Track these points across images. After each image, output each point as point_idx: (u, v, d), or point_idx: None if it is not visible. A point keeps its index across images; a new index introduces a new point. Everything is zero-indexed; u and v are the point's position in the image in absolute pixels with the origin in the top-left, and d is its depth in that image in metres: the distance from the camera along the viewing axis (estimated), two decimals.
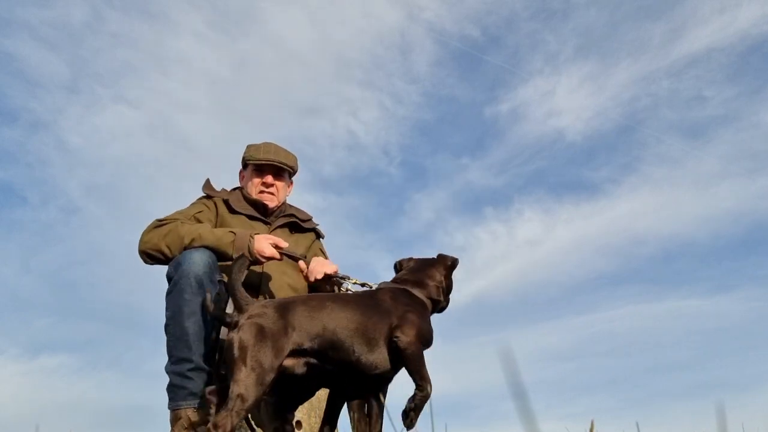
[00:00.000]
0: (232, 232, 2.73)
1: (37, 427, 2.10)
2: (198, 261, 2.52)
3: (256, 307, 2.18)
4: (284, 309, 2.19)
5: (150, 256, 2.73)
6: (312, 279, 2.81)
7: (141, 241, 2.77)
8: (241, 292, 2.22)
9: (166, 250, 2.66)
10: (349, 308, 2.27)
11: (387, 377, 2.37)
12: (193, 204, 3.06)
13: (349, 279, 2.79)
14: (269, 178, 3.14)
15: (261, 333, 2.09)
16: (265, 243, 2.72)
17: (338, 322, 2.21)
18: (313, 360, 2.18)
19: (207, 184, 3.19)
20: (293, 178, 3.35)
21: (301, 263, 2.85)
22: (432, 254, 2.75)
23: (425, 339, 2.29)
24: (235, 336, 2.10)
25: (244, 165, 3.24)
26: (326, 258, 3.18)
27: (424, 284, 2.56)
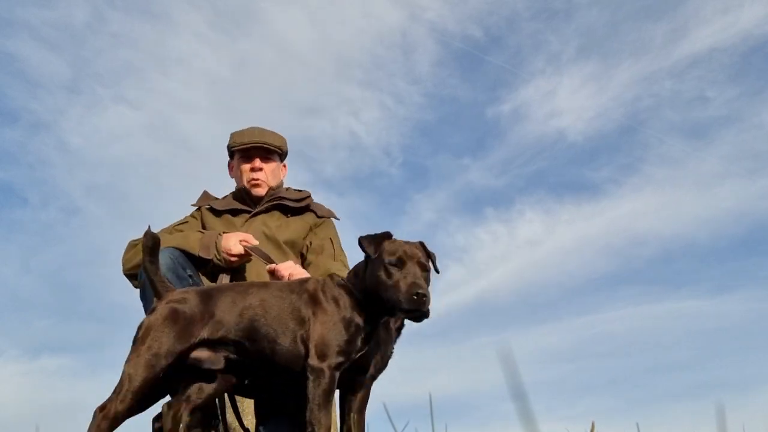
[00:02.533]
0: (201, 232, 2.65)
1: (37, 428, 2.09)
2: (161, 261, 2.34)
3: (178, 292, 2.05)
4: (207, 296, 2.04)
5: (133, 276, 2.64)
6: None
7: (122, 264, 2.70)
8: (160, 278, 2.08)
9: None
10: (270, 295, 2.08)
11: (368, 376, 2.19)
12: (183, 218, 2.98)
13: None
14: (257, 162, 2.96)
15: (172, 317, 1.95)
16: (233, 241, 2.59)
17: (256, 309, 2.03)
18: (233, 354, 2.01)
19: (201, 197, 3.07)
20: (286, 162, 3.17)
21: (271, 266, 2.61)
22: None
23: (336, 354, 1.94)
24: (146, 320, 1.97)
25: (231, 154, 3.08)
26: (337, 251, 2.89)
27: (355, 277, 2.09)
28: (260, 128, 3.03)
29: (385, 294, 1.94)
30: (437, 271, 2.11)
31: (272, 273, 2.61)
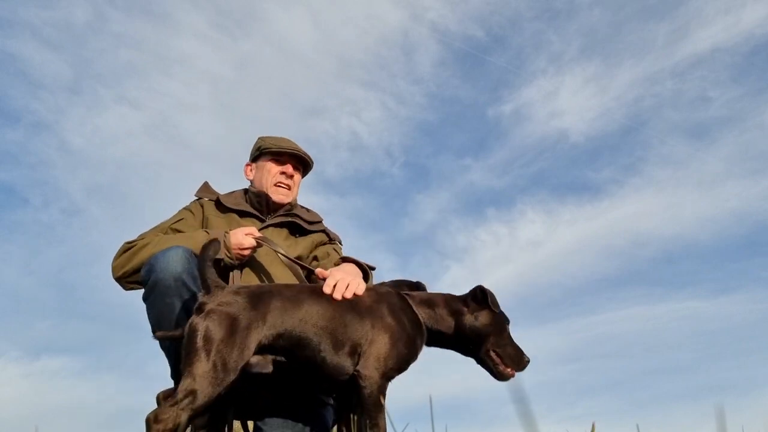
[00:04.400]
0: (206, 232, 2.52)
1: (36, 429, 2.09)
2: (174, 259, 2.22)
3: (227, 293, 1.96)
4: (257, 299, 1.97)
5: (125, 281, 2.48)
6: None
7: (112, 268, 2.51)
8: (212, 273, 2.00)
9: (138, 274, 2.36)
10: (323, 302, 2.04)
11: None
12: (175, 214, 2.82)
13: None
14: (289, 168, 2.87)
15: (231, 325, 1.86)
16: (240, 235, 2.50)
17: (310, 318, 1.99)
18: (281, 358, 1.98)
19: (202, 188, 2.96)
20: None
21: (319, 271, 2.45)
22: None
23: (392, 369, 1.99)
24: (201, 323, 1.86)
25: (258, 155, 2.93)
26: (338, 252, 2.84)
27: (431, 304, 2.19)
28: (295, 143, 2.95)
29: (499, 354, 2.16)
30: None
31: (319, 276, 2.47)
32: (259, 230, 2.71)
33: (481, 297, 2.17)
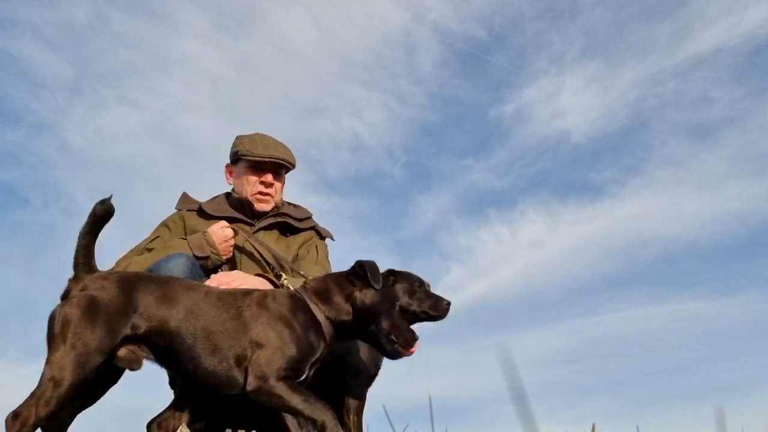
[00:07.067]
0: (183, 239, 2.52)
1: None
2: (176, 267, 2.23)
3: (95, 278, 1.82)
4: (129, 285, 1.82)
5: None
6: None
7: None
8: (86, 256, 1.83)
9: None
10: (207, 303, 1.86)
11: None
12: (151, 232, 2.76)
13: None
14: (269, 177, 2.79)
15: (92, 308, 1.74)
16: (218, 230, 2.51)
17: (187, 319, 1.80)
18: (154, 360, 1.84)
19: (181, 199, 2.90)
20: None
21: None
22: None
23: (283, 370, 1.80)
24: (60, 310, 1.75)
25: (236, 159, 2.85)
26: (320, 257, 2.79)
27: (327, 295, 1.99)
28: (273, 139, 2.83)
29: (389, 332, 1.97)
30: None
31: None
32: (247, 237, 2.70)
33: (361, 273, 1.98)
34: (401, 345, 1.95)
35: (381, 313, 1.96)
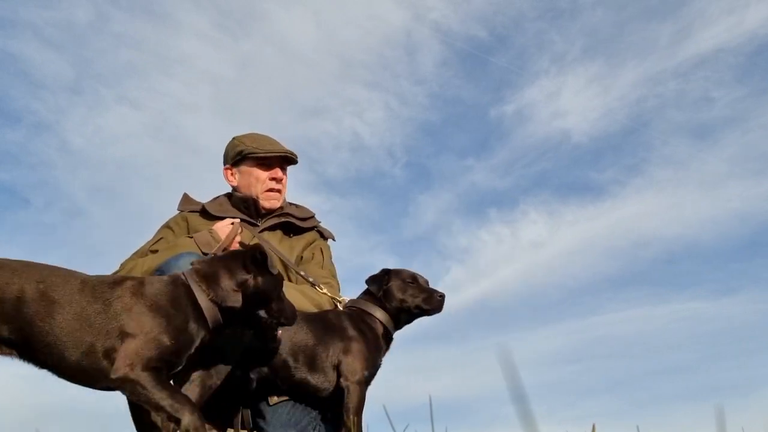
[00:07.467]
0: (190, 237, 2.52)
1: (37, 431, 2.08)
2: (185, 265, 2.16)
3: None
4: None
5: None
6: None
7: None
8: None
9: None
10: (69, 287, 1.73)
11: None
12: (154, 234, 2.77)
13: None
14: (278, 172, 2.78)
15: None
16: (225, 227, 2.53)
17: (48, 307, 1.68)
18: (8, 355, 1.72)
19: (183, 200, 2.89)
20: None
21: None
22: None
23: (156, 361, 1.69)
24: None
25: (240, 159, 2.82)
26: (326, 260, 2.81)
27: (215, 279, 1.88)
28: (271, 137, 2.84)
29: (275, 316, 1.99)
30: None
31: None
32: (254, 235, 2.72)
33: (261, 260, 1.91)
34: (285, 323, 2.00)
35: (272, 299, 1.94)
